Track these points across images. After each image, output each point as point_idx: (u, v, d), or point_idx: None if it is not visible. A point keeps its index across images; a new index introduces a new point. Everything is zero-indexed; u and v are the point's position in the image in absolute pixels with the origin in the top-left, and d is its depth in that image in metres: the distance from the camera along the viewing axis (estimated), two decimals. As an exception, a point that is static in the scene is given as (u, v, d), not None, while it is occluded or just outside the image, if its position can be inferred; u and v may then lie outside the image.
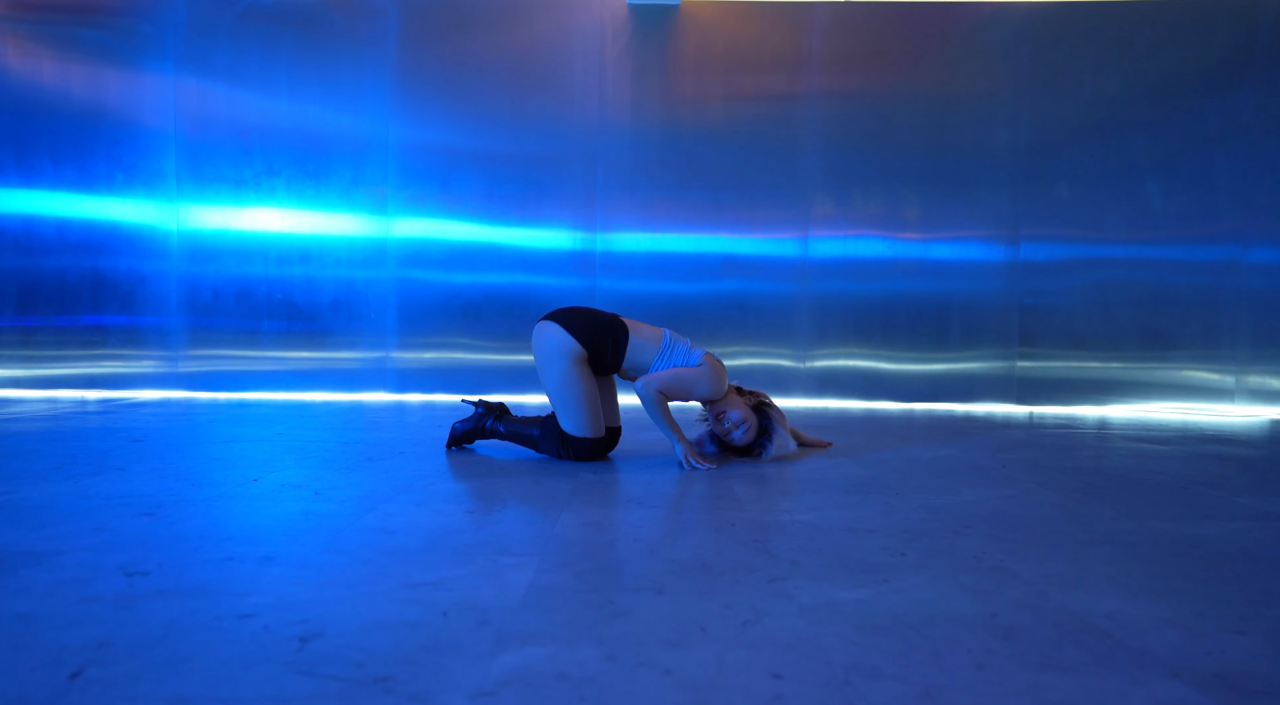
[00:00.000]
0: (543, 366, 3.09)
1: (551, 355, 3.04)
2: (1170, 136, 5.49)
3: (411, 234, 5.75)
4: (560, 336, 3.05)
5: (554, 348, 3.05)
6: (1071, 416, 5.24)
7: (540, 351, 3.09)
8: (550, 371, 3.06)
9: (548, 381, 3.09)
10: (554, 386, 3.07)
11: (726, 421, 3.20)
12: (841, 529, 2.17)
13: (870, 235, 5.67)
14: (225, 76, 5.64)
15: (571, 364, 3.04)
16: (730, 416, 3.19)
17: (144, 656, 1.25)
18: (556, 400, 3.09)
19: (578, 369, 3.05)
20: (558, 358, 3.04)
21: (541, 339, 3.09)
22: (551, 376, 3.06)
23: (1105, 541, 2.08)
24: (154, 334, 5.70)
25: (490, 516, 2.24)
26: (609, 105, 5.73)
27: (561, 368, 3.04)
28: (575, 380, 3.05)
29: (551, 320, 3.10)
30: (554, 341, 3.05)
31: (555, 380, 3.06)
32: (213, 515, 2.18)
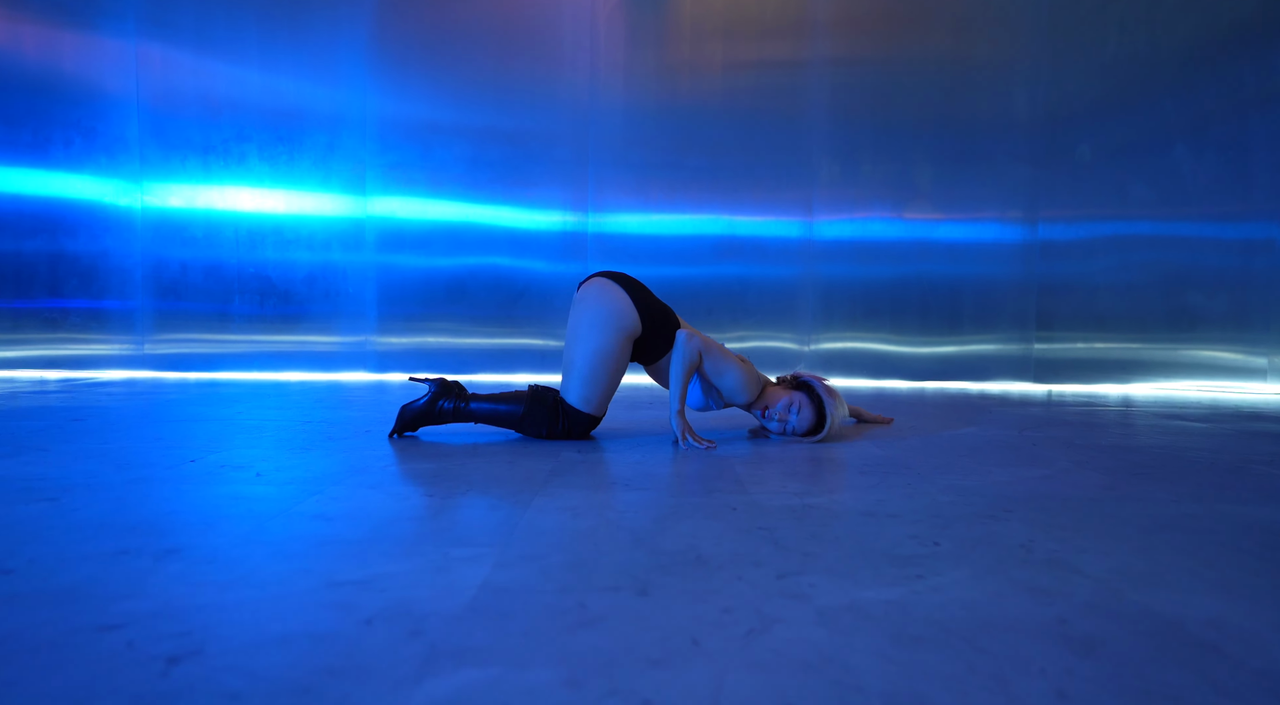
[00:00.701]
0: (589, 326, 2.76)
1: (606, 320, 2.74)
2: (1202, 100, 5.11)
3: (391, 212, 5.43)
4: (624, 305, 2.76)
5: (612, 314, 2.75)
6: (1092, 395, 4.92)
7: (594, 311, 2.75)
8: (595, 336, 2.74)
9: (585, 344, 2.75)
10: (589, 352, 2.75)
11: (776, 415, 2.89)
12: (861, 513, 1.86)
13: (879, 217, 5.35)
14: (191, 41, 5.29)
15: (621, 338, 2.75)
16: (779, 407, 2.89)
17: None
18: (584, 366, 2.76)
19: (624, 346, 2.77)
20: (611, 327, 2.74)
21: (602, 299, 2.77)
22: (593, 341, 2.75)
23: (1172, 527, 1.76)
24: (118, 317, 5.37)
25: (451, 501, 1.93)
26: (601, 74, 5.39)
27: (610, 338, 2.74)
28: (616, 356, 2.76)
29: (617, 283, 2.77)
30: (615, 308, 2.75)
31: (596, 347, 2.75)
32: (125, 501, 1.87)
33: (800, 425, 2.87)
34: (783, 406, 2.88)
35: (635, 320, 2.75)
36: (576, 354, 2.76)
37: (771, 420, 2.90)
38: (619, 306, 2.74)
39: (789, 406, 2.87)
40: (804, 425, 2.87)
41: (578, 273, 5.31)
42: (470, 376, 5.56)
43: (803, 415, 2.86)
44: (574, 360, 2.77)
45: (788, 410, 2.87)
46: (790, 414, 2.87)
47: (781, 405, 2.88)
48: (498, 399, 2.85)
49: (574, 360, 2.77)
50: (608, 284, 2.77)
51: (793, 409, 2.87)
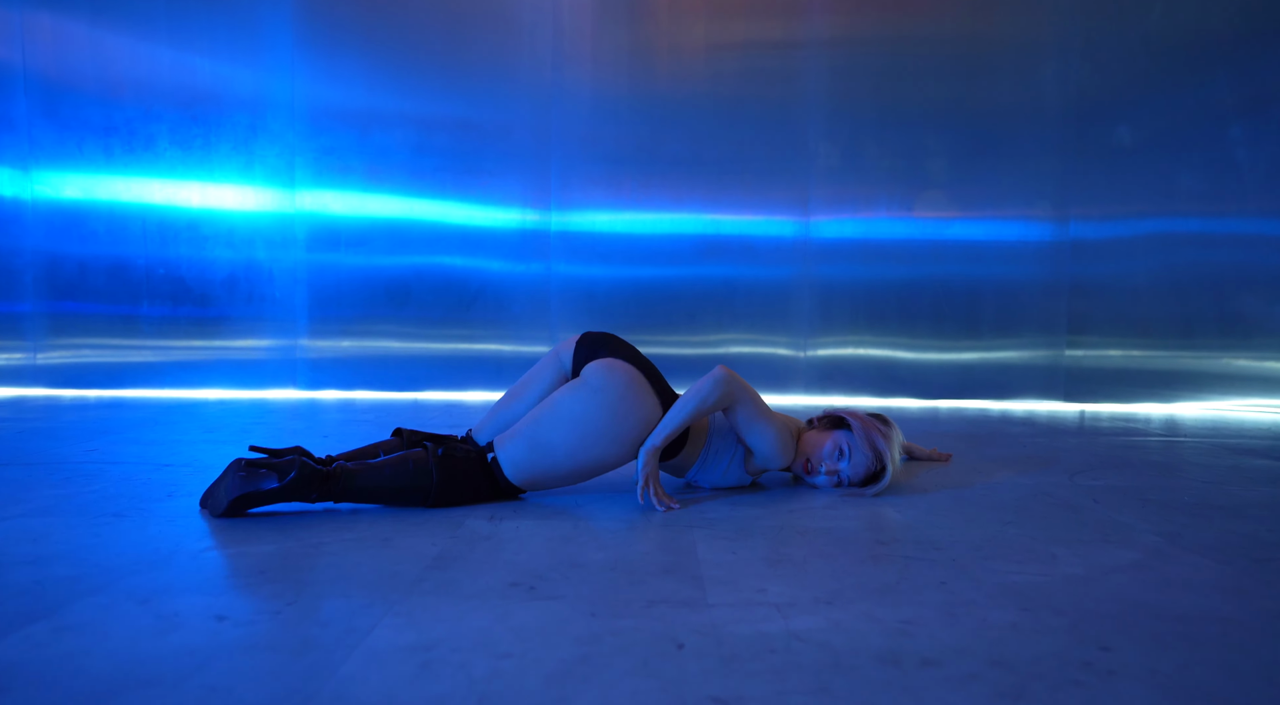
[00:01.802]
0: (600, 433, 2.07)
1: (626, 435, 2.09)
2: (1260, 76, 4.43)
3: (324, 207, 4.80)
4: (653, 416, 2.12)
5: (635, 425, 2.10)
6: (1131, 416, 4.26)
7: (615, 418, 2.07)
8: (602, 447, 2.08)
9: (585, 448, 2.07)
10: (586, 458, 2.09)
11: (823, 465, 2.30)
12: (876, 656, 1.18)
13: (885, 215, 4.71)
14: (87, 11, 4.62)
15: (630, 453, 2.13)
16: (824, 454, 2.29)
17: None
18: (564, 464, 2.09)
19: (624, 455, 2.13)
20: (627, 442, 2.10)
21: (630, 406, 2.09)
22: (596, 450, 2.08)
23: None
24: (5, 322, 4.69)
25: (244, 632, 1.24)
26: (566, 53, 4.74)
27: (616, 453, 2.11)
28: (607, 467, 2.14)
29: (649, 384, 2.15)
30: (641, 418, 2.10)
31: (596, 457, 2.10)
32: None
33: (855, 473, 2.29)
34: (828, 454, 2.29)
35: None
36: (560, 444, 2.06)
37: (817, 474, 2.31)
38: (646, 416, 2.10)
39: (835, 453, 2.29)
40: (860, 472, 2.28)
41: (541, 275, 4.66)
42: (418, 394, 4.90)
43: (855, 460, 2.28)
44: (552, 446, 2.06)
45: (835, 458, 2.29)
46: (840, 462, 2.29)
47: (826, 451, 2.29)
48: (393, 467, 2.00)
49: (552, 446, 2.06)
50: (639, 385, 2.11)
51: (842, 456, 2.29)
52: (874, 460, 2.26)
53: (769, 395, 4.77)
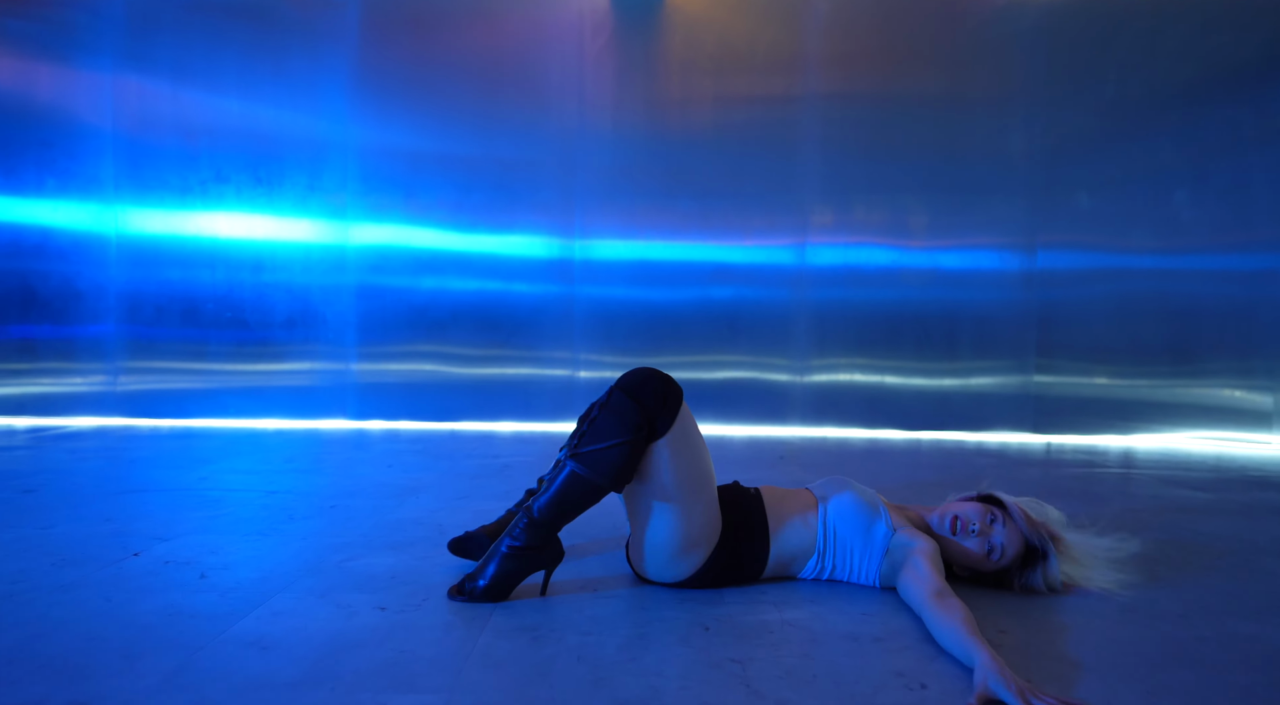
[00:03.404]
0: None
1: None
2: (1201, 141, 5.03)
3: (374, 241, 5.33)
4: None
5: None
6: (1092, 448, 4.80)
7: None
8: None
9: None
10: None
11: (974, 525, 2.00)
12: (842, 636, 1.72)
13: (873, 244, 5.25)
14: (169, 73, 5.20)
15: None
16: (972, 514, 2.02)
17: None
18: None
19: None
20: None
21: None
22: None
23: (1181, 661, 1.63)
24: (90, 349, 5.24)
25: (404, 617, 1.78)
26: (588, 107, 5.29)
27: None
28: None
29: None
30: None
31: None
32: (49, 618, 1.72)
33: (1011, 539, 1.98)
34: (978, 514, 2.01)
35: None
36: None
37: (969, 535, 2.00)
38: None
39: (988, 516, 2.01)
40: (1016, 541, 1.98)
41: (565, 296, 5.24)
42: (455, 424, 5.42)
43: (1009, 527, 1.99)
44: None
45: (988, 520, 2.00)
46: (994, 525, 2.00)
47: (976, 513, 2.01)
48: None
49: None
50: None
51: (995, 520, 2.00)
52: (1030, 531, 1.98)
53: (767, 426, 5.32)
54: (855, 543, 2.02)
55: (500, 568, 1.88)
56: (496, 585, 1.88)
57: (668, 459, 1.87)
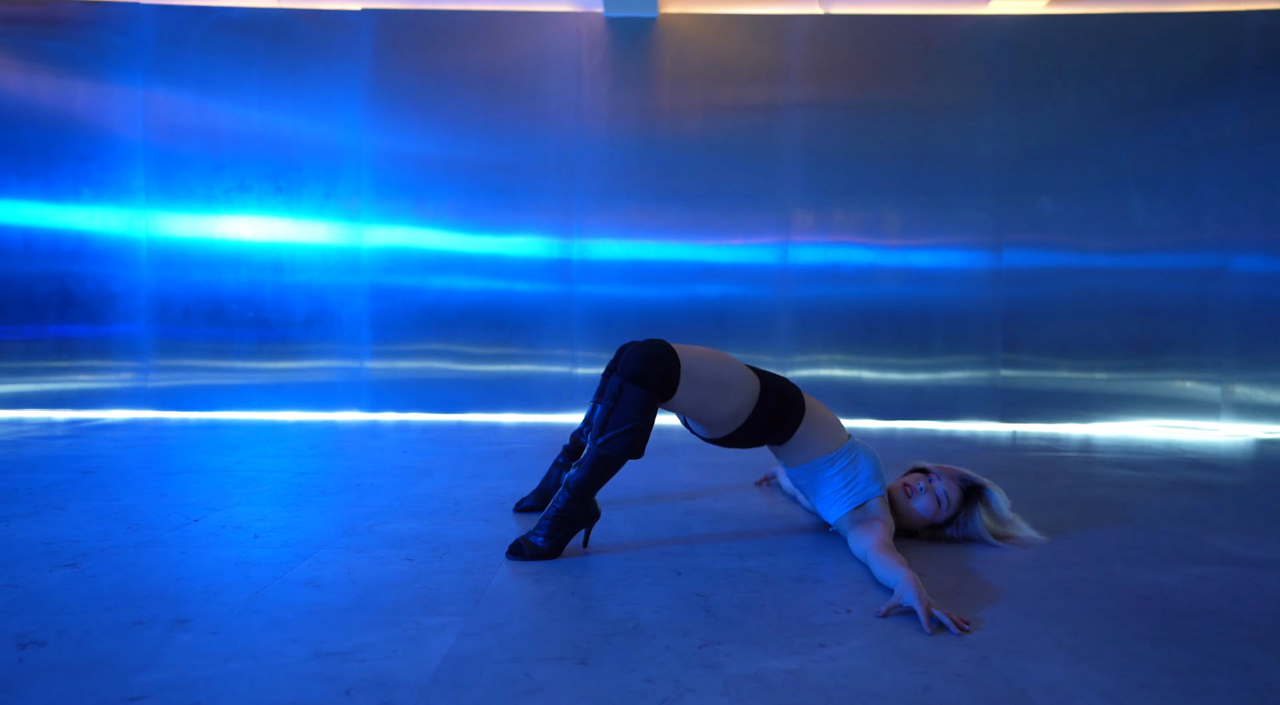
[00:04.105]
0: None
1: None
2: (1154, 150, 5.40)
3: (386, 243, 5.69)
4: None
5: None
6: (1055, 436, 5.16)
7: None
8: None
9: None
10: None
11: (918, 489, 2.46)
12: (792, 579, 2.10)
13: (851, 244, 5.59)
14: (195, 87, 5.57)
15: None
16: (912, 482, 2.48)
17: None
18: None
19: None
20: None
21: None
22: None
23: (1062, 593, 2.00)
24: (123, 347, 5.62)
25: (429, 565, 2.16)
26: (585, 117, 5.66)
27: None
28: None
29: None
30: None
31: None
32: (138, 567, 2.10)
33: (950, 487, 2.42)
34: (917, 479, 2.47)
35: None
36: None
37: (919, 495, 2.43)
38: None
39: (925, 478, 2.46)
40: (954, 490, 2.42)
41: (564, 294, 5.58)
42: (462, 416, 5.78)
43: (945, 480, 2.44)
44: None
45: (927, 480, 2.45)
46: (933, 483, 2.44)
47: (913, 479, 2.48)
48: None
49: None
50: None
51: (933, 478, 2.45)
52: (960, 479, 2.42)
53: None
54: (859, 479, 2.38)
55: (550, 531, 2.25)
56: (549, 547, 2.25)
57: (690, 391, 2.24)
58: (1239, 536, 2.59)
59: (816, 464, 2.43)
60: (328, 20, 5.59)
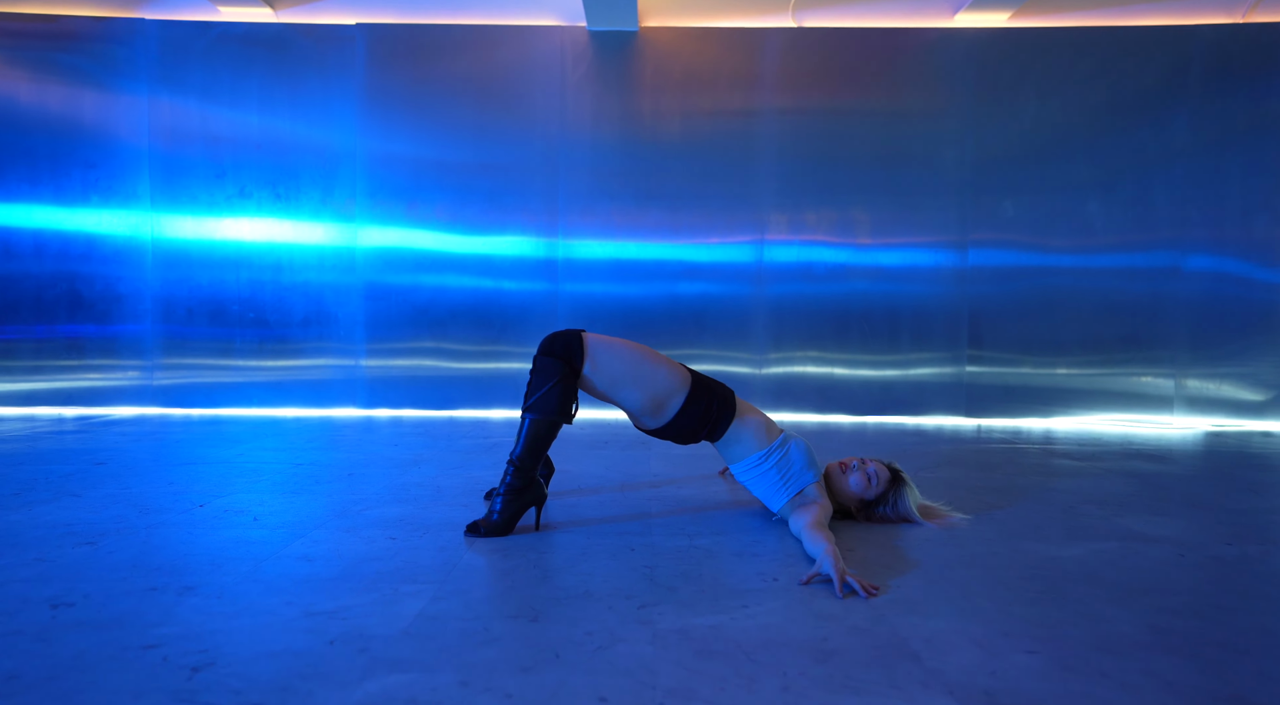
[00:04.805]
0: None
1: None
2: (1110, 156, 5.66)
3: (380, 243, 5.93)
4: None
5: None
6: (1017, 430, 5.41)
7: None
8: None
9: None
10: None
11: (852, 465, 2.76)
12: (732, 555, 2.35)
13: (823, 243, 5.83)
14: (198, 97, 5.82)
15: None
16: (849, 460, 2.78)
17: (47, 688, 1.43)
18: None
19: None
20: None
21: None
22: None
23: (968, 564, 2.26)
24: (130, 346, 5.88)
25: (409, 543, 2.42)
26: (570, 124, 5.90)
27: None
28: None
29: None
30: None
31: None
32: (151, 544, 2.36)
33: (879, 469, 2.73)
34: (856, 458, 2.79)
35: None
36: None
37: (854, 471, 2.73)
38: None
39: (856, 461, 2.77)
40: (883, 471, 2.73)
41: (550, 293, 5.82)
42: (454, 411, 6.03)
43: (877, 467, 2.74)
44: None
45: (853, 468, 2.75)
46: (868, 464, 2.75)
47: (852, 459, 2.78)
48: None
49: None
50: None
51: (868, 462, 2.76)
52: (885, 466, 2.73)
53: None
54: (792, 469, 2.63)
55: (503, 506, 2.53)
56: (503, 522, 2.52)
57: (603, 366, 2.56)
58: (1147, 516, 2.84)
59: (752, 460, 2.67)
60: (324, 34, 5.84)
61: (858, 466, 2.72)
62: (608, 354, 2.57)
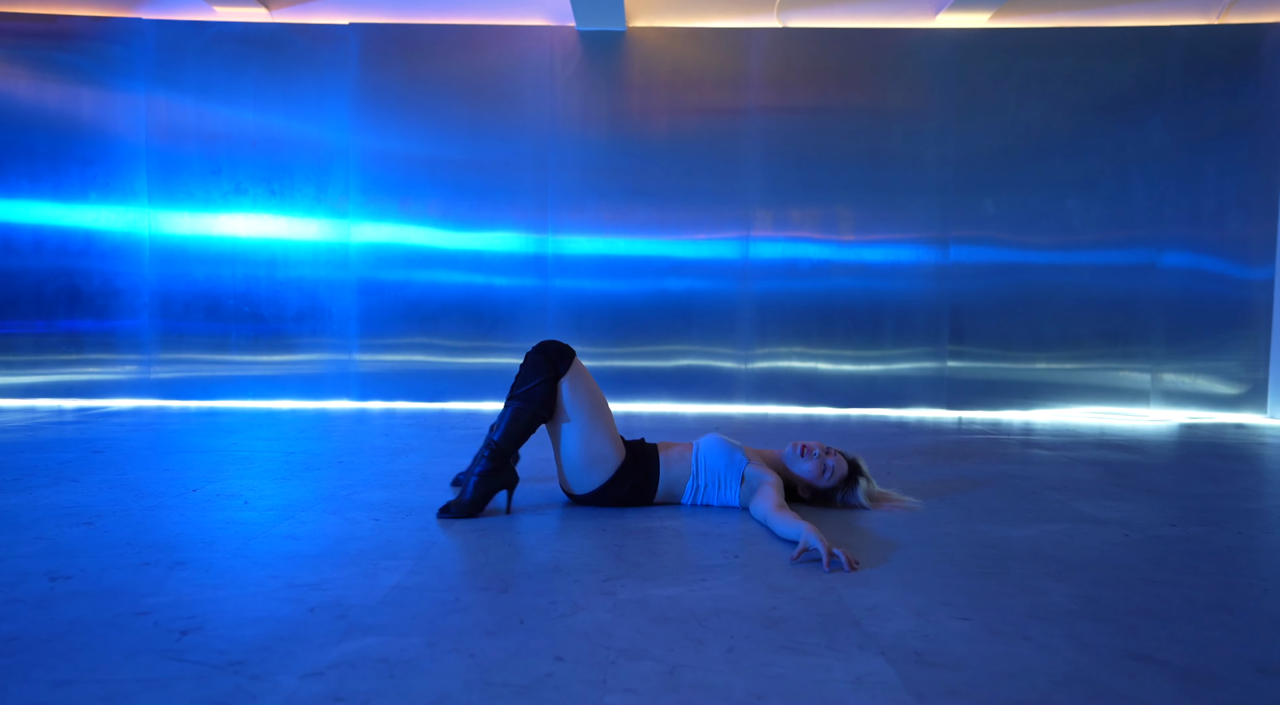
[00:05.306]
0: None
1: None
2: (1089, 155, 5.77)
3: (373, 239, 6.04)
4: None
5: None
6: (997, 422, 5.53)
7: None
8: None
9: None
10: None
11: (812, 453, 2.80)
12: (696, 534, 2.47)
13: (808, 240, 5.95)
14: (194, 95, 5.93)
15: None
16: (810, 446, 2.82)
17: (44, 648, 1.55)
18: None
19: None
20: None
21: None
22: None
23: (922, 544, 2.37)
24: (128, 340, 6.00)
25: (392, 524, 2.53)
26: (560, 122, 6.01)
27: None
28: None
29: None
30: None
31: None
32: (145, 525, 2.47)
33: (838, 468, 2.78)
34: (817, 445, 2.82)
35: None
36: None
37: (810, 458, 2.78)
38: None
39: (823, 447, 2.82)
40: (843, 462, 2.80)
41: (540, 288, 5.93)
42: (445, 404, 6.15)
43: (836, 460, 2.80)
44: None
45: (824, 449, 2.81)
46: (828, 455, 2.80)
47: (814, 444, 2.82)
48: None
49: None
50: None
51: (828, 453, 2.81)
52: (845, 460, 2.80)
53: (717, 405, 6.07)
54: (719, 470, 2.79)
55: (475, 487, 2.64)
56: (473, 502, 2.64)
57: (568, 394, 2.66)
58: (1102, 501, 2.96)
59: (689, 488, 2.83)
60: (318, 34, 5.95)
61: (818, 455, 2.79)
62: (585, 382, 2.70)
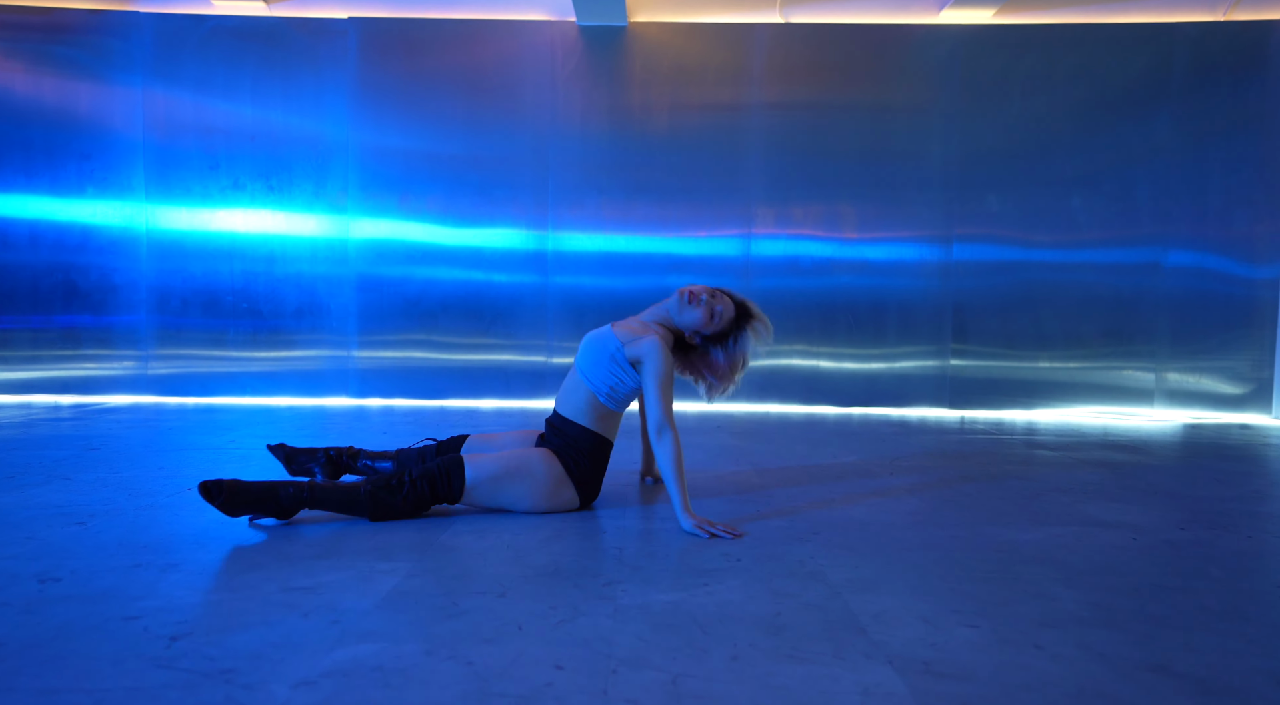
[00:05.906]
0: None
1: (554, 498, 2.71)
2: (1093, 152, 5.73)
3: (372, 235, 6.00)
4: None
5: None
6: (1000, 421, 5.49)
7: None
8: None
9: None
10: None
11: (700, 298, 2.68)
12: (690, 536, 2.43)
13: (810, 237, 5.90)
14: (192, 89, 5.89)
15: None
16: (697, 290, 2.68)
17: (31, 654, 1.51)
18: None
19: None
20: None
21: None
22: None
23: (931, 547, 2.33)
24: (125, 336, 5.96)
25: (390, 525, 2.49)
26: (560, 117, 5.97)
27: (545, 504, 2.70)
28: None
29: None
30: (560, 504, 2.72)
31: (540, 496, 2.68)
32: (138, 525, 2.44)
33: (726, 310, 2.69)
34: (704, 289, 2.69)
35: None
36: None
37: (698, 305, 2.67)
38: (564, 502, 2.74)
39: (699, 297, 2.67)
40: (728, 312, 2.70)
41: (540, 285, 5.90)
42: (444, 401, 6.11)
43: (724, 303, 2.71)
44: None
45: (700, 301, 2.67)
46: (716, 298, 2.70)
47: (700, 288, 2.68)
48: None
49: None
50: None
51: (711, 303, 2.68)
52: (740, 304, 2.74)
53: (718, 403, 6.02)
54: (603, 366, 2.63)
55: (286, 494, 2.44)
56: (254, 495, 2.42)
57: (480, 494, 2.59)
58: (1107, 504, 2.92)
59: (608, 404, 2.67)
60: (316, 28, 5.90)
61: (705, 301, 2.65)
62: (490, 473, 2.58)
